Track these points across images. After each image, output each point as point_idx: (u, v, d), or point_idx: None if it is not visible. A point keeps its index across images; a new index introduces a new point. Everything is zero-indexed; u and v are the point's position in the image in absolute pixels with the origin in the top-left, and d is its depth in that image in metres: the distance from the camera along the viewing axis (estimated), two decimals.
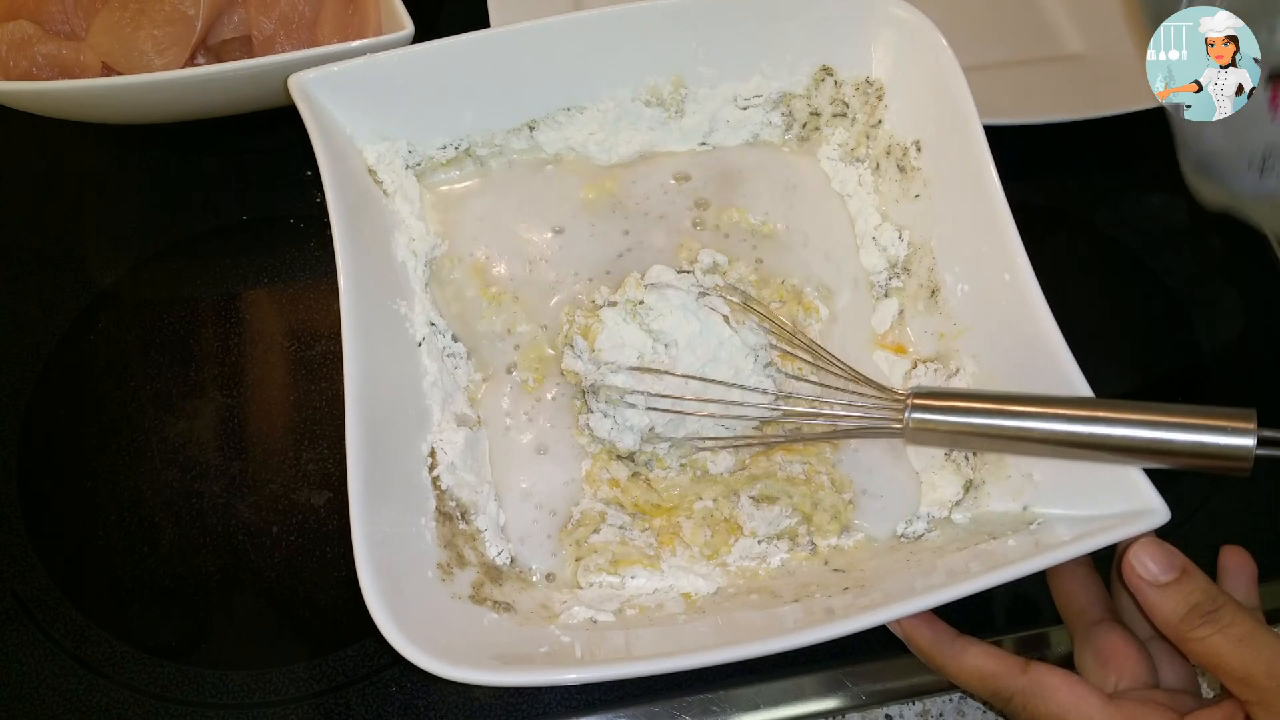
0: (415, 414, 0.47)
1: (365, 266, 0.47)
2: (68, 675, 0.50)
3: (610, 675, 0.38)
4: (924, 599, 0.39)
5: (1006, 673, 0.40)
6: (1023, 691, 0.40)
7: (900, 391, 0.46)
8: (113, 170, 0.66)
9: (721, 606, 0.44)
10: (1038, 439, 0.42)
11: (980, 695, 0.42)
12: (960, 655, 0.42)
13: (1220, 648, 0.38)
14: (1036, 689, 0.40)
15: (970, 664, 0.41)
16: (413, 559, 0.42)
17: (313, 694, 0.49)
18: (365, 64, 0.52)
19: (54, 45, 0.61)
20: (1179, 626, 0.38)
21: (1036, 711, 0.40)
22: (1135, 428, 0.40)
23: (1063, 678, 0.40)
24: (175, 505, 0.54)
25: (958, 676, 0.42)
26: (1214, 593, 0.39)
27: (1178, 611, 0.38)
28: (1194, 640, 0.38)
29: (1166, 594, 0.39)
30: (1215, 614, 0.38)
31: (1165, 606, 0.39)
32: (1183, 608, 0.38)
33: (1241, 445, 0.39)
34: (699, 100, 0.57)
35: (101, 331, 0.60)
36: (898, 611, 0.38)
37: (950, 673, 0.42)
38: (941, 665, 0.42)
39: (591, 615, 0.43)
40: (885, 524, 0.48)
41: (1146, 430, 0.40)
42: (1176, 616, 0.38)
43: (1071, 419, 0.41)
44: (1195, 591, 0.39)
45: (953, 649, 0.42)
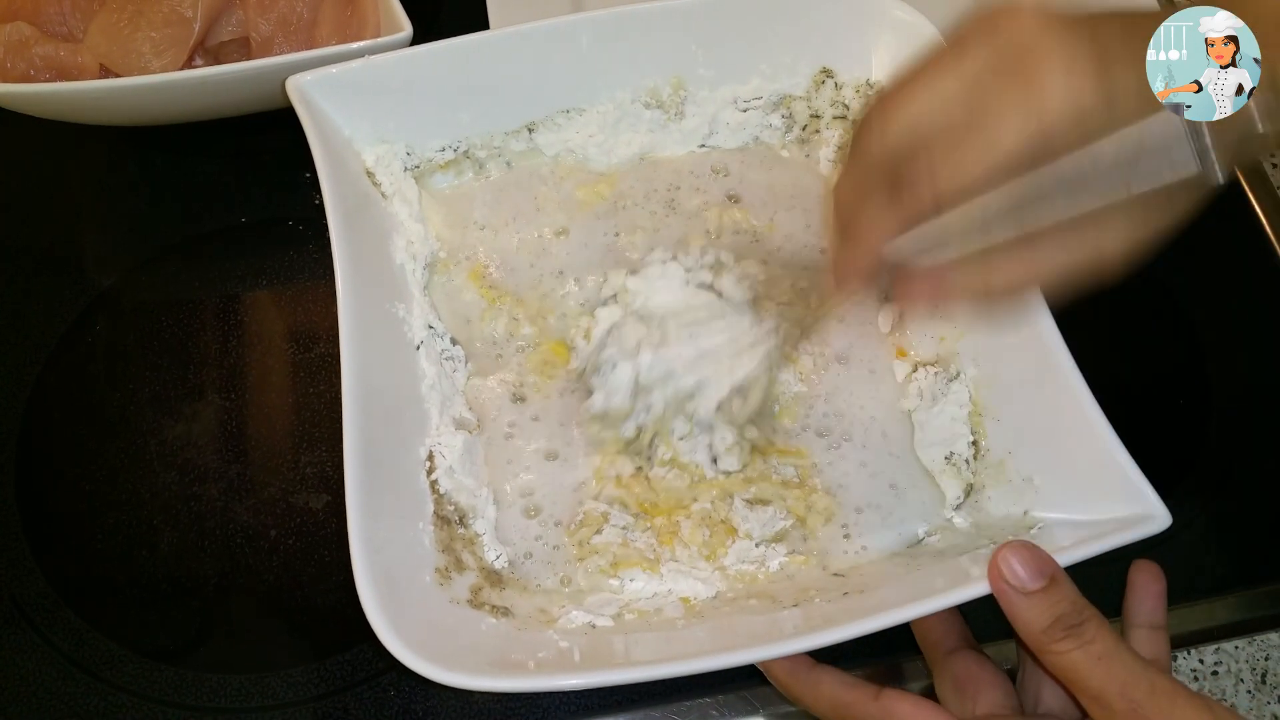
0: (413, 417, 0.47)
1: (363, 269, 0.47)
2: (65, 679, 0.49)
3: (609, 680, 0.38)
4: (924, 604, 0.38)
5: (859, 701, 0.40)
6: (874, 719, 0.39)
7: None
8: (110, 172, 0.66)
9: (720, 611, 0.44)
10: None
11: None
12: (816, 685, 0.41)
13: (1079, 663, 0.36)
14: (886, 716, 0.39)
15: (825, 693, 0.41)
16: (410, 563, 0.42)
17: (311, 698, 0.49)
18: (363, 66, 0.52)
19: (51, 47, 0.60)
20: (1040, 637, 0.37)
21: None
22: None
23: (914, 703, 0.39)
24: (174, 508, 0.54)
25: (814, 706, 0.41)
26: (1081, 605, 0.37)
27: (1041, 622, 0.37)
28: (1054, 654, 0.37)
29: (1032, 602, 0.37)
30: (1079, 628, 0.36)
31: (1029, 615, 0.37)
32: (1047, 618, 0.37)
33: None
34: (699, 102, 0.57)
35: (99, 334, 0.60)
36: (898, 617, 0.38)
37: (807, 702, 0.42)
38: (798, 695, 0.42)
39: (590, 620, 0.43)
40: (884, 531, 0.48)
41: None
42: (1039, 627, 0.37)
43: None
44: (1062, 602, 0.37)
45: (808, 678, 0.41)
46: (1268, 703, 0.51)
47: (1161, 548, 0.51)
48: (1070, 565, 0.38)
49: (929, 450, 0.50)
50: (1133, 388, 0.59)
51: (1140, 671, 0.36)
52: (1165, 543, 0.40)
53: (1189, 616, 0.52)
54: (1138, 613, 0.42)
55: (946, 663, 0.43)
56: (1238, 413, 0.58)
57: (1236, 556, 0.54)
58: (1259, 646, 0.52)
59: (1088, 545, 0.39)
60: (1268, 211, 0.65)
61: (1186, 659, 0.52)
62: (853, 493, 0.49)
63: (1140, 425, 0.44)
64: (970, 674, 0.41)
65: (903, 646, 0.49)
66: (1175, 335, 0.61)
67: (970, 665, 0.42)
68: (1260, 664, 0.52)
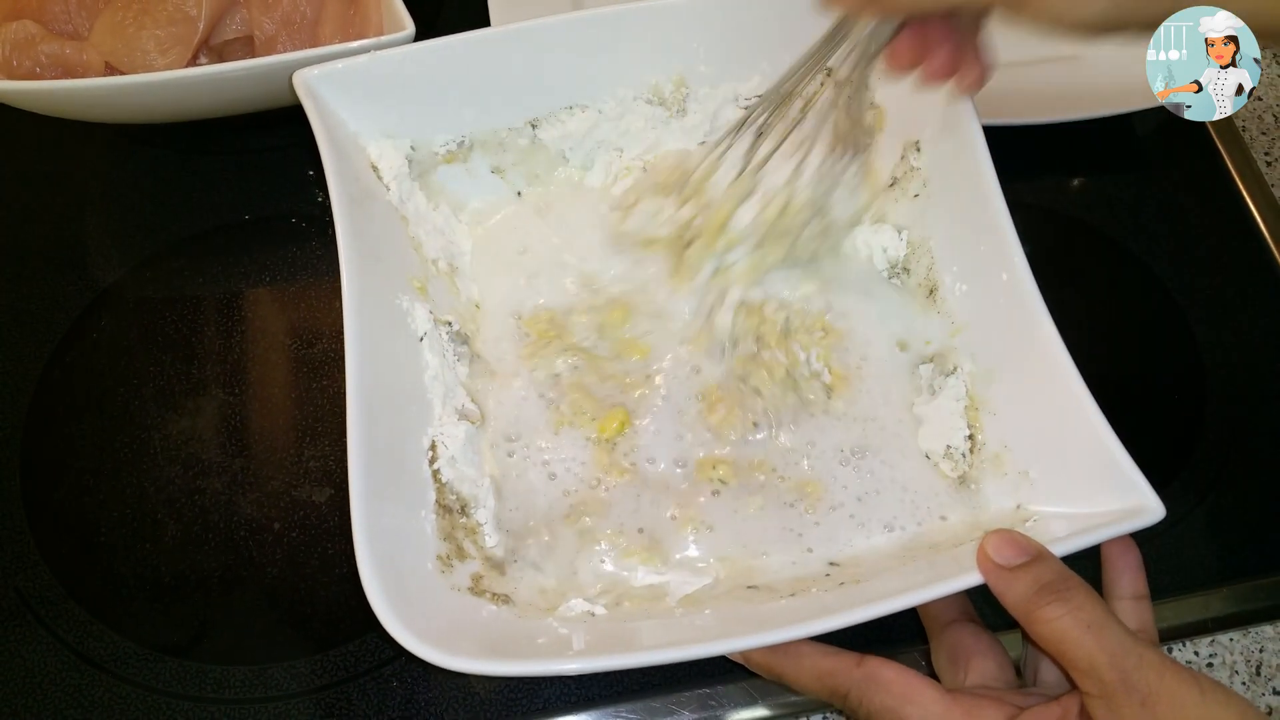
0: (416, 408, 0.48)
1: (367, 261, 0.48)
2: (71, 671, 0.50)
3: (609, 665, 0.38)
4: (919, 593, 0.39)
5: (842, 669, 0.40)
6: (858, 686, 0.39)
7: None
8: (115, 170, 0.67)
9: (718, 600, 0.44)
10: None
11: (820, 695, 0.41)
12: (797, 659, 0.41)
13: (1068, 631, 0.36)
14: (870, 683, 0.39)
15: (807, 665, 0.40)
16: (413, 551, 0.43)
17: (314, 689, 0.49)
18: (369, 61, 0.52)
19: (57, 45, 0.61)
20: (1028, 605, 0.37)
21: (872, 705, 0.39)
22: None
23: (897, 670, 0.39)
24: (177, 502, 0.54)
25: (797, 680, 0.41)
26: (1066, 574, 0.37)
27: (1027, 591, 0.37)
28: (1042, 622, 0.37)
29: (1017, 575, 0.37)
30: (1066, 593, 0.36)
31: (1016, 587, 0.37)
32: (1033, 587, 0.37)
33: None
34: (700, 99, 0.57)
35: (104, 330, 0.60)
36: (894, 605, 0.38)
37: (790, 679, 0.41)
38: (781, 673, 0.41)
39: (589, 608, 0.43)
40: (880, 522, 0.48)
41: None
42: (1026, 595, 0.37)
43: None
44: (1047, 572, 0.37)
45: (788, 654, 0.41)
46: (1262, 695, 0.51)
47: (1157, 541, 0.52)
48: (1064, 557, 0.39)
49: (927, 443, 0.50)
50: (1128, 382, 0.60)
51: (1130, 643, 0.36)
52: (1161, 535, 0.40)
53: (1184, 609, 0.53)
54: (1118, 584, 0.42)
55: (944, 634, 0.43)
56: (1233, 407, 0.58)
57: (1231, 549, 0.54)
58: (1253, 639, 0.52)
59: (1082, 537, 0.40)
60: (1260, 207, 0.66)
61: (1181, 651, 0.52)
62: (850, 483, 0.49)
63: (1136, 420, 0.44)
64: (965, 645, 0.42)
65: (898, 636, 0.50)
66: (1170, 330, 0.62)
67: (965, 637, 0.42)
68: (1255, 656, 0.52)
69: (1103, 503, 0.42)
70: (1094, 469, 0.43)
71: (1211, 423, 0.58)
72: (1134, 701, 0.35)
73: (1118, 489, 0.42)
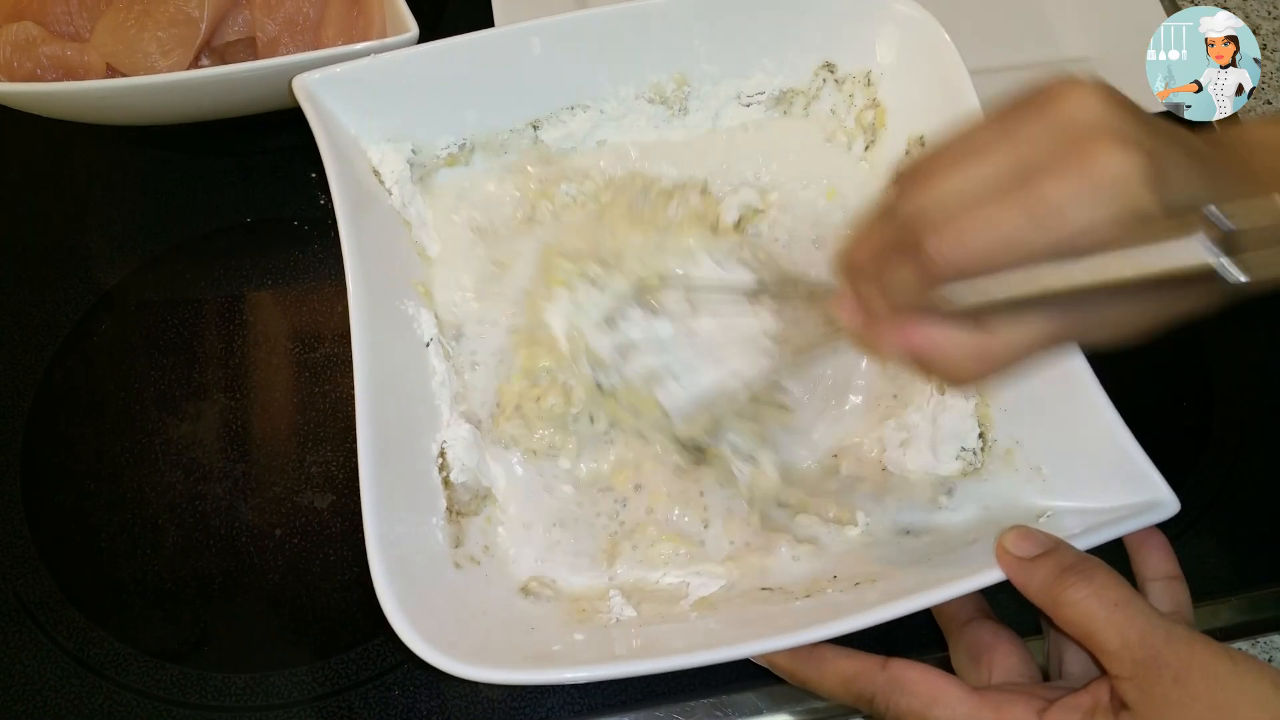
0: (425, 414, 0.47)
1: (372, 267, 0.47)
2: (70, 677, 0.49)
3: (623, 673, 0.38)
4: (935, 593, 0.38)
5: (866, 672, 0.39)
6: (883, 689, 0.39)
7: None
8: (117, 172, 0.66)
9: (732, 603, 0.44)
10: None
11: (845, 699, 0.40)
12: (820, 663, 0.40)
13: (1095, 612, 0.35)
14: (895, 685, 0.39)
15: (830, 669, 0.40)
16: (424, 558, 0.42)
17: (315, 697, 0.49)
18: (368, 65, 0.52)
19: (58, 47, 0.61)
20: (1051, 589, 0.36)
21: (899, 708, 0.38)
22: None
23: (922, 671, 0.39)
24: (178, 507, 0.54)
25: (821, 685, 0.41)
26: (1086, 557, 0.37)
27: (1049, 577, 0.36)
28: (1067, 604, 0.36)
29: (1037, 563, 0.37)
30: (1088, 574, 0.36)
31: (1038, 575, 0.37)
32: (1054, 572, 0.36)
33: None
34: (701, 97, 0.57)
35: (105, 333, 0.60)
36: (910, 606, 0.38)
37: (814, 684, 0.41)
38: (805, 678, 0.41)
39: (603, 614, 0.43)
40: (895, 522, 0.48)
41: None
42: (1048, 581, 0.36)
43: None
44: (1067, 556, 0.37)
45: (811, 658, 0.41)
46: None
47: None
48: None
49: (941, 444, 0.49)
50: (1135, 390, 0.59)
51: (1157, 619, 0.35)
52: (1175, 534, 0.40)
53: (1193, 618, 0.52)
54: (1147, 566, 0.42)
55: (962, 633, 0.42)
56: (1241, 417, 0.58)
57: (1240, 559, 0.54)
58: (1263, 648, 0.52)
59: (1097, 532, 0.39)
60: None
61: None
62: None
63: (1143, 428, 0.44)
64: (985, 643, 0.41)
65: (912, 639, 0.49)
66: (1177, 336, 0.61)
67: (985, 634, 0.41)
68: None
69: (1116, 497, 0.42)
70: (1106, 463, 0.42)
71: (1219, 433, 0.57)
72: (1166, 678, 0.34)
73: (1131, 483, 0.41)
